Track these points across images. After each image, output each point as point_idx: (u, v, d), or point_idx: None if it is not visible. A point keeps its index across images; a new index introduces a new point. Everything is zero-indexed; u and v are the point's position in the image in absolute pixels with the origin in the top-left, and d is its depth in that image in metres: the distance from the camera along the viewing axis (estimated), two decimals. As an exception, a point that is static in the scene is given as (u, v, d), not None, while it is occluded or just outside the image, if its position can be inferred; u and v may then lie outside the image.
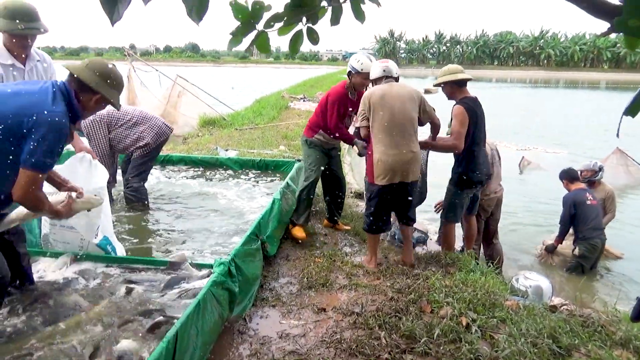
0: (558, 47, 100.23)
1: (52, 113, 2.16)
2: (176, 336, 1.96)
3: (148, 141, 4.50)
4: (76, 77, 2.32)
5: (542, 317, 2.82)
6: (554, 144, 13.20)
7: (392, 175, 3.57)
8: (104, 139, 4.48)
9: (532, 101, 29.95)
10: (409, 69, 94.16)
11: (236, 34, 1.66)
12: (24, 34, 2.89)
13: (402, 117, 3.59)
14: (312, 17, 1.79)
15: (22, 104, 2.17)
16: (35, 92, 2.24)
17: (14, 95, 2.20)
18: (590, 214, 5.19)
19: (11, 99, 2.17)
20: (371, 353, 2.45)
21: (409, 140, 3.60)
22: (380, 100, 3.59)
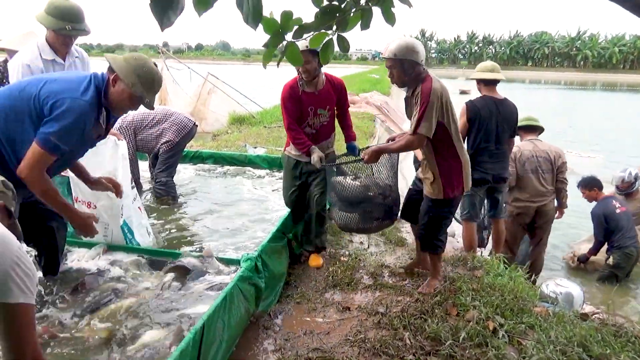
0: (596, 48, 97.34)
1: (75, 98, 2.23)
2: (203, 328, 1.99)
3: (170, 137, 4.59)
4: (112, 69, 2.33)
5: (573, 325, 2.75)
6: (589, 148, 12.84)
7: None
8: (130, 144, 4.60)
9: (567, 103, 29.17)
10: (440, 69, 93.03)
11: (268, 45, 1.69)
12: (70, 35, 3.01)
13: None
14: (342, 23, 1.79)
15: (54, 88, 2.26)
16: (70, 80, 2.33)
17: (52, 82, 2.30)
18: (622, 221, 5.04)
19: (48, 84, 2.27)
20: (395, 354, 2.43)
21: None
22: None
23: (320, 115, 3.51)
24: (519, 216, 4.69)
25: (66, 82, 2.32)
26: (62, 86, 2.28)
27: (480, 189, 4.21)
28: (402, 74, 2.96)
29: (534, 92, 34.71)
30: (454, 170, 3.04)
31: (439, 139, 2.93)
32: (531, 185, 4.64)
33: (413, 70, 2.93)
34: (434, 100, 2.81)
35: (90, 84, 2.32)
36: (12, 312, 1.41)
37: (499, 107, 4.10)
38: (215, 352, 2.13)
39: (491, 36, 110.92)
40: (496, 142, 4.12)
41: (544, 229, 4.79)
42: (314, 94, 3.45)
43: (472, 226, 4.33)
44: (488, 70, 4.16)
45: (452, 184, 3.04)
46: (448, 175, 3.03)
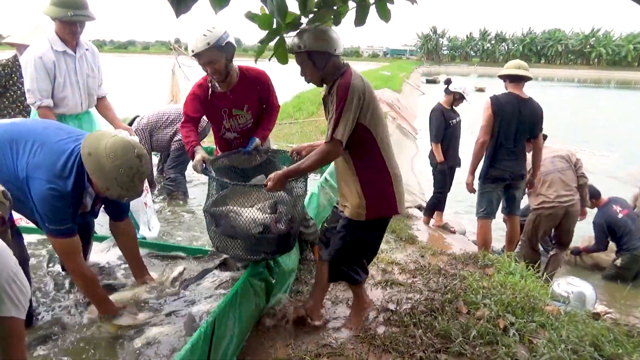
0: (610, 45, 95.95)
1: (45, 182, 2.06)
2: (214, 322, 2.01)
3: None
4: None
5: (584, 324, 2.73)
6: (603, 147, 12.68)
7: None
8: (146, 145, 4.63)
9: (581, 101, 28.83)
10: (452, 66, 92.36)
11: (263, 41, 1.70)
12: (73, 21, 3.07)
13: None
14: (336, 17, 1.79)
15: (32, 161, 2.11)
16: (53, 154, 2.14)
17: (39, 148, 2.14)
18: (628, 225, 5.03)
19: (30, 149, 2.13)
20: (405, 351, 2.43)
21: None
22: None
23: (237, 117, 3.04)
24: (548, 217, 4.60)
25: (46, 157, 2.12)
26: (40, 160, 2.11)
27: (498, 186, 4.20)
28: (313, 68, 2.40)
29: (547, 90, 34.34)
30: (381, 186, 2.45)
31: (361, 146, 2.39)
32: (557, 182, 4.56)
33: (326, 63, 2.38)
34: (352, 97, 2.28)
35: (73, 166, 2.12)
36: (4, 325, 1.46)
37: (521, 107, 4.08)
38: (226, 346, 2.15)
39: (504, 33, 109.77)
40: (515, 140, 4.10)
41: (570, 232, 4.76)
42: (226, 94, 2.96)
43: (487, 224, 4.32)
44: (515, 67, 4.14)
45: (379, 202, 2.45)
46: (373, 192, 2.44)
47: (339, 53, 2.38)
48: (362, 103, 2.32)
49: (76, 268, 2.21)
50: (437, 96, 5.87)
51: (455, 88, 5.16)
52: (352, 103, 2.28)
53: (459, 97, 5.20)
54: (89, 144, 2.12)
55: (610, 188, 5.52)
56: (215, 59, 2.74)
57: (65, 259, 2.19)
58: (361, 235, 2.53)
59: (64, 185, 2.09)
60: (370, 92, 2.38)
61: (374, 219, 2.49)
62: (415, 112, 18.24)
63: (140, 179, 2.17)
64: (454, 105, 5.26)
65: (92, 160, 2.08)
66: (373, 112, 2.38)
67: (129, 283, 2.80)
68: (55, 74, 3.15)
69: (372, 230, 2.56)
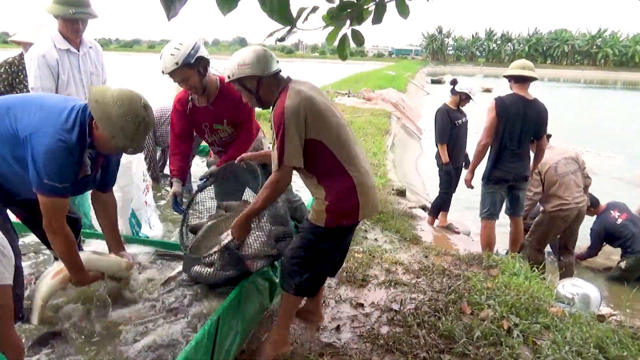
0: (617, 46, 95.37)
1: (50, 136, 2.04)
2: (218, 321, 2.02)
3: None
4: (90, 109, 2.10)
5: (589, 326, 2.73)
6: (608, 147, 12.62)
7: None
8: (150, 139, 4.64)
9: (587, 102, 28.68)
10: (457, 66, 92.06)
11: (283, 39, 1.70)
12: (75, 19, 3.09)
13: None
14: (358, 17, 1.79)
15: (34, 119, 2.09)
16: (55, 110, 2.14)
17: (36, 107, 2.14)
18: (629, 228, 5.00)
19: (31, 111, 2.12)
20: (408, 351, 2.43)
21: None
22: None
23: (218, 131, 2.98)
24: (564, 219, 4.57)
25: (48, 114, 2.11)
26: (42, 117, 2.09)
27: (501, 187, 4.21)
28: (249, 95, 2.32)
29: (553, 91, 34.20)
30: (345, 193, 2.24)
31: (315, 158, 2.23)
32: (572, 184, 4.51)
33: (258, 87, 2.28)
34: (290, 121, 2.11)
35: (76, 120, 2.11)
36: None
37: (526, 108, 4.06)
38: (230, 344, 2.16)
39: (510, 33, 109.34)
40: (518, 142, 4.09)
41: (575, 234, 4.78)
42: (206, 109, 2.90)
43: (491, 224, 4.32)
44: (520, 68, 4.11)
45: (341, 209, 2.25)
46: (335, 199, 2.23)
47: (269, 73, 2.25)
48: (305, 120, 2.14)
49: (59, 228, 2.16)
50: (442, 96, 5.87)
51: (461, 88, 5.15)
52: (290, 126, 2.12)
53: (465, 98, 5.18)
54: (95, 93, 2.11)
55: (615, 189, 5.49)
56: (187, 76, 2.70)
57: (52, 218, 2.12)
58: (315, 241, 2.29)
59: (70, 137, 2.07)
60: (313, 103, 2.18)
61: (333, 227, 2.27)
62: (420, 112, 18.21)
63: (145, 129, 2.16)
64: (461, 105, 5.25)
65: (99, 107, 2.07)
66: (323, 122, 2.20)
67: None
68: (59, 72, 3.17)
69: (328, 239, 2.30)
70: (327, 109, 2.24)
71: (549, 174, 4.53)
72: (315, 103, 2.19)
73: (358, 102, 15.03)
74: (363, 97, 16.11)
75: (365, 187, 2.27)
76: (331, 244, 2.32)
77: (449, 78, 5.86)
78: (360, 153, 2.35)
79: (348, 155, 2.26)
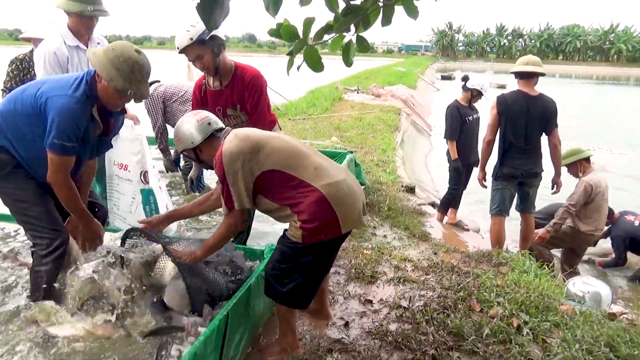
0: (630, 41, 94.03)
1: (62, 96, 2.25)
2: (227, 317, 2.03)
3: None
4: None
5: (600, 325, 2.70)
6: (620, 144, 12.47)
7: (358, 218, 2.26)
8: (160, 114, 4.66)
9: (599, 98, 28.34)
10: (467, 62, 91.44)
11: (292, 53, 1.69)
12: (93, 16, 3.11)
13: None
14: (364, 21, 1.78)
15: (45, 88, 2.30)
16: (61, 79, 2.37)
17: (45, 82, 2.36)
18: None
19: (42, 85, 2.33)
20: (417, 348, 2.43)
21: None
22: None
23: (231, 117, 2.92)
24: (588, 242, 4.78)
25: (57, 81, 2.35)
26: (52, 85, 2.32)
27: (510, 183, 4.19)
28: (197, 159, 2.39)
29: (564, 87, 33.84)
30: (316, 208, 2.09)
31: (274, 185, 2.16)
32: (604, 209, 4.71)
33: (199, 153, 2.34)
34: (229, 166, 2.10)
35: (82, 81, 2.31)
36: None
37: (529, 104, 4.04)
38: (239, 339, 2.17)
39: (521, 29, 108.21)
40: (525, 138, 4.08)
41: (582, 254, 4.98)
42: (220, 92, 2.86)
43: (500, 221, 4.31)
44: (523, 64, 4.10)
45: (317, 225, 2.09)
46: (308, 216, 2.09)
47: (197, 143, 2.28)
48: (244, 159, 2.11)
49: (64, 181, 2.34)
50: (452, 93, 5.84)
51: (473, 85, 5.12)
52: (230, 171, 2.10)
53: (477, 94, 5.15)
54: (96, 50, 2.33)
55: (627, 186, 5.42)
56: (201, 54, 2.71)
57: (57, 172, 2.29)
58: (292, 255, 2.17)
59: (77, 94, 2.26)
60: (249, 137, 2.16)
61: (311, 243, 2.13)
62: (430, 109, 18.12)
63: (140, 70, 2.30)
64: (472, 102, 5.21)
65: (96, 56, 2.27)
66: (265, 151, 2.14)
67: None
68: (69, 68, 3.20)
69: (307, 254, 2.17)
70: (267, 137, 2.22)
71: (598, 197, 4.57)
72: (250, 137, 2.18)
73: (367, 99, 14.97)
74: (372, 93, 16.06)
75: (339, 197, 2.12)
76: (311, 257, 2.17)
77: (459, 74, 5.83)
78: (324, 162, 2.24)
79: (307, 169, 2.15)
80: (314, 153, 2.27)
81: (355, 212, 2.19)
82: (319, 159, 2.23)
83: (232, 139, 2.17)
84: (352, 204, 2.17)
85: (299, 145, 2.27)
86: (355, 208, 2.19)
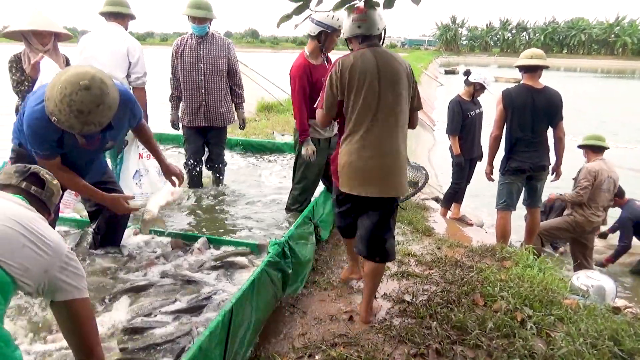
0: (636, 34, 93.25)
1: (28, 108, 2.40)
2: (232, 311, 2.04)
3: None
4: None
5: (604, 319, 2.70)
6: (626, 138, 12.41)
7: (364, 185, 2.50)
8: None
9: (604, 92, 28.16)
10: (470, 56, 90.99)
11: (290, 15, 1.69)
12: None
13: (390, 102, 2.47)
14: (368, 2, 1.77)
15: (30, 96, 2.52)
16: (40, 91, 2.47)
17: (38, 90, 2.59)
18: None
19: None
20: (421, 342, 2.44)
21: (395, 136, 2.51)
22: (356, 75, 2.44)
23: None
24: (592, 223, 4.87)
25: (36, 91, 2.55)
26: (34, 95, 2.49)
27: (517, 177, 4.18)
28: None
29: (569, 81, 33.64)
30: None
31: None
32: (604, 199, 4.81)
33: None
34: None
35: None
36: (70, 308, 1.54)
37: (534, 97, 4.03)
38: (243, 334, 2.18)
39: (525, 22, 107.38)
40: (532, 131, 4.07)
41: (591, 243, 5.05)
42: (322, 66, 3.48)
43: (507, 215, 4.31)
44: (527, 57, 4.10)
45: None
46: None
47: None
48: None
49: (56, 173, 2.22)
50: (456, 87, 5.83)
51: (475, 79, 5.10)
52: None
53: (479, 88, 5.13)
54: (56, 76, 2.29)
55: (632, 178, 5.42)
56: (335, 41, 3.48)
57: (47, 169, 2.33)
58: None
59: (40, 109, 2.31)
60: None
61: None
62: (434, 104, 18.05)
63: (70, 106, 2.16)
64: (475, 96, 5.20)
65: (51, 85, 2.23)
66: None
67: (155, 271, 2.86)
68: None
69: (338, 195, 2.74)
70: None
71: (597, 185, 4.74)
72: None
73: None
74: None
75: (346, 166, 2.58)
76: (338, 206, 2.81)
77: (463, 68, 5.82)
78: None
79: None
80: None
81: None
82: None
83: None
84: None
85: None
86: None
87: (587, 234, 4.85)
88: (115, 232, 3.15)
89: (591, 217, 4.77)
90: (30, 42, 3.42)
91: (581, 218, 4.78)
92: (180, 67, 4.25)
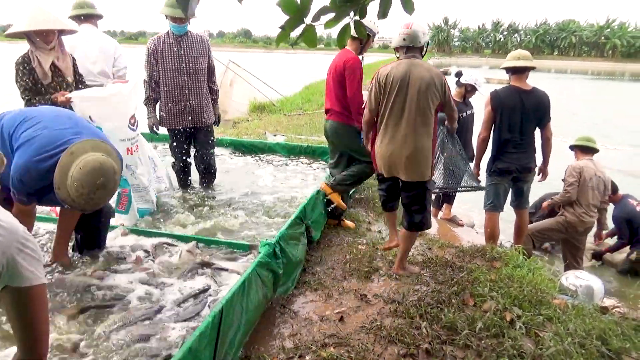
0: (625, 37, 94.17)
1: (28, 161, 2.37)
2: (222, 312, 2.03)
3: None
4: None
5: (592, 318, 2.73)
6: (615, 139, 12.53)
7: (391, 170, 3.20)
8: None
9: (594, 94, 28.41)
10: (462, 57, 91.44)
11: (285, 27, 1.69)
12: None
13: (415, 106, 3.03)
14: (361, 10, 1.78)
15: (30, 135, 2.47)
16: (49, 137, 2.45)
17: (43, 128, 2.49)
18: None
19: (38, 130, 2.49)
20: (411, 342, 2.45)
21: (419, 133, 3.06)
22: (390, 83, 3.09)
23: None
24: (584, 224, 4.88)
25: (42, 138, 2.41)
26: (35, 140, 2.42)
27: (504, 178, 4.20)
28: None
29: (559, 82, 33.89)
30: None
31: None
32: (593, 197, 4.80)
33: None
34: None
35: (56, 155, 2.35)
36: (26, 295, 1.50)
37: (523, 98, 4.06)
38: (234, 335, 2.18)
39: (517, 24, 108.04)
40: (520, 132, 4.10)
41: (583, 245, 5.04)
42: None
43: (495, 216, 4.32)
44: (514, 59, 4.11)
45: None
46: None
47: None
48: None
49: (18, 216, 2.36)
50: (448, 88, 5.82)
51: (466, 80, 5.13)
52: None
53: (471, 89, 5.16)
54: (63, 164, 2.30)
55: (621, 181, 5.45)
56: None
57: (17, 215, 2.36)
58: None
59: (42, 167, 2.35)
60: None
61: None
62: (426, 104, 18.06)
63: (83, 193, 2.29)
64: (467, 97, 5.22)
65: (60, 173, 2.29)
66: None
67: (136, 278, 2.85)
68: None
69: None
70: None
71: (584, 184, 4.77)
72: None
73: (364, 94, 14.94)
74: (369, 89, 16.01)
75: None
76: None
77: (455, 70, 5.85)
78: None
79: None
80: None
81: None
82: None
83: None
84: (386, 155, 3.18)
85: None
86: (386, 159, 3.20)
87: (579, 235, 4.85)
88: (99, 234, 3.09)
89: (583, 216, 4.76)
90: (34, 42, 3.32)
91: (573, 218, 4.78)
92: (161, 68, 4.20)
